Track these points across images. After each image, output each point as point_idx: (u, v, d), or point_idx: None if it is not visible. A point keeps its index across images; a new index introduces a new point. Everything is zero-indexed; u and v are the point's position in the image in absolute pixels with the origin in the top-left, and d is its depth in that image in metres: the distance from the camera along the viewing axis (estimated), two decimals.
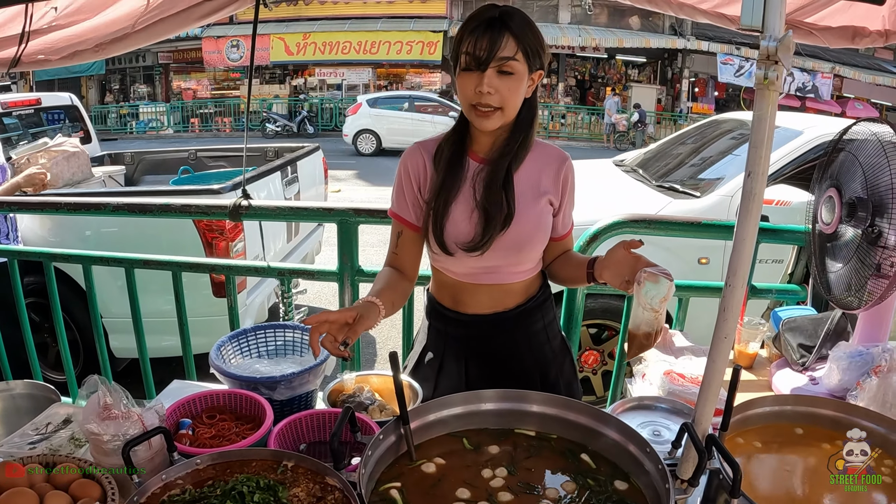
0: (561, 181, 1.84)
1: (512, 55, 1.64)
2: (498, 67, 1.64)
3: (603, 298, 3.93)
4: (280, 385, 1.77)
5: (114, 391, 1.49)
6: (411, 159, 1.87)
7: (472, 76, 1.67)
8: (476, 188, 1.78)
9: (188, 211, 2.98)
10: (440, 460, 1.34)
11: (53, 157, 5.33)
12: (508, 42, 1.63)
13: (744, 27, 1.12)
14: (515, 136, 1.78)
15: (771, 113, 1.12)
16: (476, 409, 1.44)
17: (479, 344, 1.90)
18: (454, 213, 1.78)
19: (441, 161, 1.82)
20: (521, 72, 1.67)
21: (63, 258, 3.25)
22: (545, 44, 1.74)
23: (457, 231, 1.78)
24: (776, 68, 1.10)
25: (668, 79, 25.19)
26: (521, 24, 1.66)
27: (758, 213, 1.16)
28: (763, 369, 2.22)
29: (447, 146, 1.83)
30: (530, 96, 1.77)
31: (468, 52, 1.65)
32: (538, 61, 1.71)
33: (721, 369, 1.23)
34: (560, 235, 1.90)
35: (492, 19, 1.64)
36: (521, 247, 1.80)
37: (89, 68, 25.41)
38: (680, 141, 5.90)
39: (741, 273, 1.19)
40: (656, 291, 1.56)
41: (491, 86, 1.65)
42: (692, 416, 1.28)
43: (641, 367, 2.11)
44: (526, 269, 1.86)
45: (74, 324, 4.46)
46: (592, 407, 1.41)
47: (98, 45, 2.71)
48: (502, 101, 1.67)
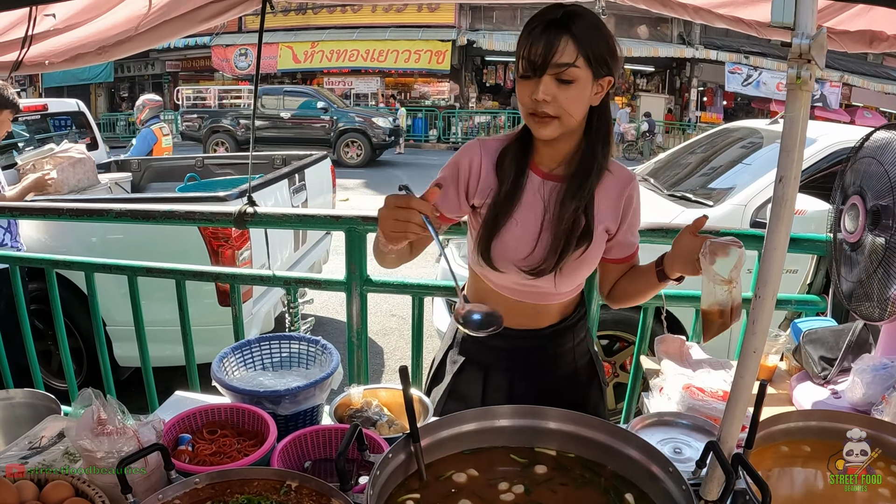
0: (623, 205, 1.73)
1: (571, 61, 1.52)
2: (556, 74, 1.53)
3: (615, 310, 3.85)
4: (284, 399, 1.69)
5: (108, 405, 1.41)
6: (468, 155, 1.76)
7: (528, 82, 1.57)
8: (547, 206, 1.68)
9: (192, 218, 2.94)
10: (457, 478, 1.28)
11: (59, 164, 5.30)
12: (568, 47, 1.52)
13: (774, 24, 1.07)
14: (593, 151, 1.67)
15: (803, 115, 1.07)
16: (490, 426, 1.38)
17: (503, 356, 1.83)
18: (512, 229, 1.69)
19: (504, 169, 1.71)
20: (583, 79, 1.55)
21: (65, 265, 3.21)
22: (617, 48, 1.62)
23: (513, 249, 1.69)
24: (809, 67, 1.04)
25: (677, 88, 25.14)
26: (585, 26, 1.54)
27: (790, 220, 1.10)
28: (783, 382, 2.15)
29: (510, 154, 1.72)
30: (598, 104, 1.65)
31: (524, 57, 1.55)
32: (605, 68, 1.58)
33: (750, 385, 1.17)
34: (621, 257, 1.82)
35: (552, 21, 1.53)
36: (576, 275, 1.73)
37: (98, 76, 25.53)
38: (690, 150, 5.84)
39: (772, 283, 1.13)
40: (726, 262, 1.51)
41: (547, 93, 1.54)
42: (717, 434, 1.21)
43: (658, 380, 2.04)
44: (569, 290, 1.79)
45: (78, 331, 4.43)
46: (612, 424, 1.35)
47: (101, 47, 2.68)
48: (559, 110, 1.56)
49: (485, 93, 25.83)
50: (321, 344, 1.97)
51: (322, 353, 1.95)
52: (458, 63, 24.55)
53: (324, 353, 1.94)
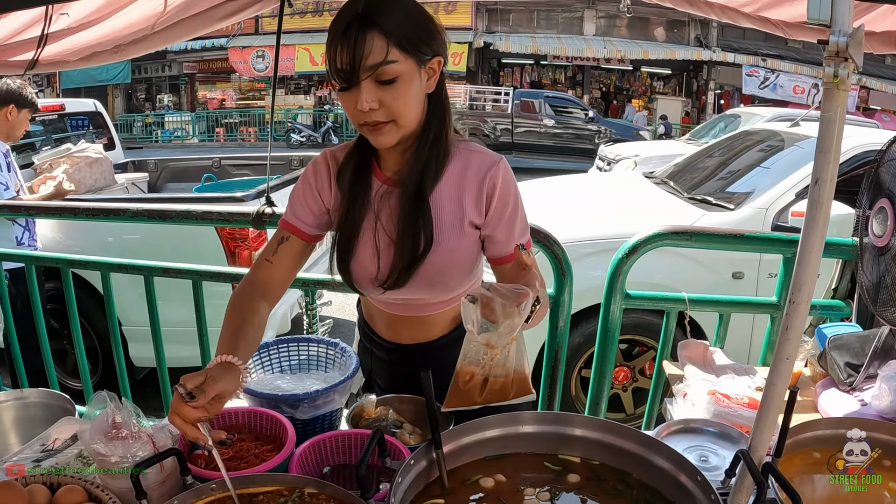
0: (485, 196, 1.51)
1: (383, 59, 1.33)
2: (373, 77, 1.35)
3: (635, 313, 3.80)
4: (303, 403, 1.66)
5: (123, 408, 1.39)
6: (317, 169, 1.63)
7: (348, 94, 1.39)
8: (381, 215, 1.54)
9: (209, 218, 2.92)
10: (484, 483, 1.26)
11: (76, 163, 5.32)
12: (375, 43, 1.32)
13: (810, 21, 1.04)
14: (425, 142, 1.49)
15: (840, 114, 1.04)
16: (514, 432, 1.35)
17: (403, 371, 1.73)
18: (361, 248, 1.57)
19: (343, 183, 1.57)
20: (406, 71, 1.37)
21: (81, 264, 3.21)
22: (433, 21, 1.43)
23: (362, 265, 1.58)
24: (846, 65, 1.01)
25: (694, 91, 25.00)
26: (389, 12, 1.34)
27: (825, 223, 1.07)
28: (807, 389, 2.10)
29: (350, 165, 1.57)
30: (433, 90, 1.47)
31: (333, 68, 1.37)
32: (427, 48, 1.40)
33: (782, 393, 1.14)
34: (497, 257, 1.56)
35: (352, 20, 1.33)
36: (435, 282, 1.56)
37: (115, 77, 25.73)
38: (709, 153, 5.78)
39: (806, 289, 1.09)
40: (493, 323, 1.22)
41: (370, 100, 1.36)
42: (748, 443, 1.18)
43: (681, 386, 2.01)
44: (450, 298, 1.64)
45: (93, 331, 4.44)
46: (638, 432, 1.32)
47: (117, 46, 2.66)
48: (390, 112, 1.39)
49: None
50: (340, 347, 1.94)
51: (341, 356, 1.92)
52: (475, 65, 24.52)
53: (343, 356, 1.92)
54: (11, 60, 2.71)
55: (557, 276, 2.41)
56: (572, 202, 5.26)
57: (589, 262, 3.68)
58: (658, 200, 4.86)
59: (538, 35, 23.81)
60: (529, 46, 23.13)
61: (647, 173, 5.75)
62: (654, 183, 5.29)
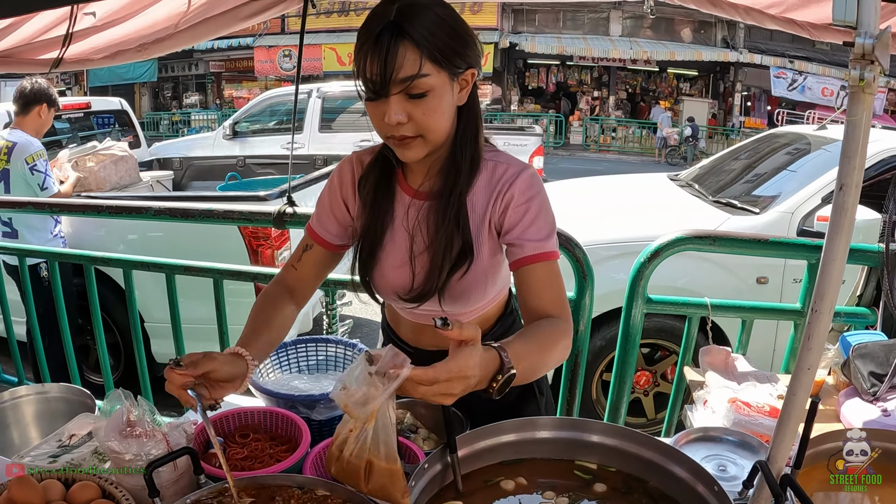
0: (506, 203, 1.45)
1: (416, 72, 1.27)
2: (404, 90, 1.29)
3: (657, 317, 3.77)
4: (319, 404, 1.65)
5: (138, 406, 1.40)
6: (342, 176, 1.60)
7: (376, 105, 1.33)
8: (417, 229, 1.49)
9: (231, 217, 2.94)
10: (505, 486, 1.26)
11: (101, 161, 5.39)
12: (407, 55, 1.26)
13: (836, 23, 1.01)
14: (459, 157, 1.44)
15: (866, 119, 1.01)
16: (531, 437, 1.34)
17: None
18: (389, 257, 1.53)
19: (366, 194, 1.53)
20: (438, 85, 1.31)
21: (103, 261, 3.25)
22: (468, 32, 1.37)
23: (391, 278, 1.54)
24: (872, 68, 0.98)
25: (721, 92, 24.74)
26: (423, 20, 1.28)
27: (850, 230, 1.05)
28: (830, 398, 2.06)
29: (372, 175, 1.53)
30: (465, 103, 1.43)
31: (363, 77, 1.31)
32: (461, 61, 1.35)
33: (802, 403, 1.11)
34: (515, 259, 1.46)
35: (383, 29, 1.27)
36: (457, 297, 1.50)
37: (142, 75, 26.03)
38: (735, 156, 5.72)
39: (829, 297, 1.07)
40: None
41: (399, 114, 1.31)
42: (767, 453, 1.16)
43: (702, 392, 1.97)
44: (479, 306, 1.58)
45: (116, 327, 4.48)
46: (656, 439, 1.30)
47: (141, 44, 2.69)
48: (419, 128, 1.34)
49: (527, 95, 25.72)
50: (358, 347, 1.94)
51: (358, 356, 1.92)
52: (501, 65, 24.48)
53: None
54: (37, 59, 2.75)
55: (578, 280, 2.39)
56: (596, 204, 5.23)
57: (612, 265, 3.65)
58: (682, 203, 4.81)
59: (564, 35, 23.70)
60: (555, 47, 23.03)
61: (671, 176, 5.69)
62: (679, 185, 5.23)
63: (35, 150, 4.04)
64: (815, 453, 1.40)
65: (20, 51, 2.74)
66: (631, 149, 22.95)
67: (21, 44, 2.70)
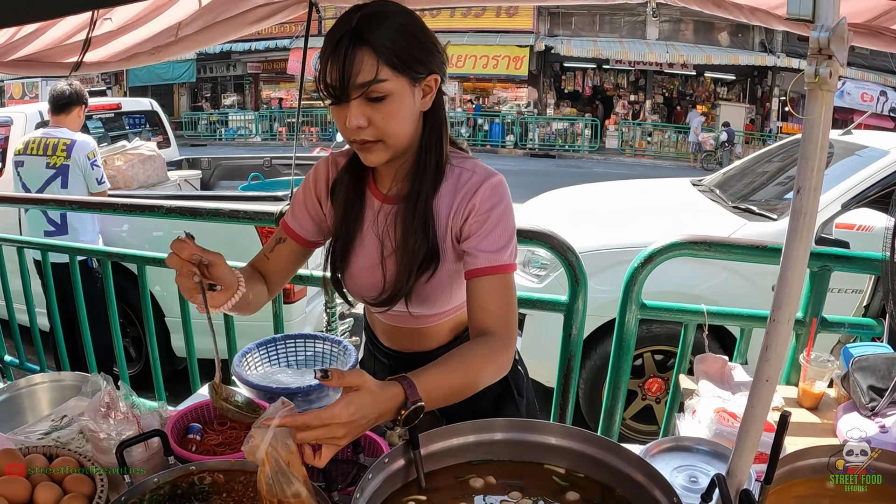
0: (468, 210, 1.45)
1: (373, 77, 1.29)
2: (362, 95, 1.32)
3: (669, 324, 3.72)
4: (297, 397, 1.71)
5: (116, 391, 1.52)
6: (317, 175, 1.63)
7: (339, 109, 1.35)
8: (384, 233, 1.52)
9: (236, 216, 2.97)
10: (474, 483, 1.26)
11: (129, 160, 5.50)
12: (365, 60, 1.29)
13: (790, 16, 0.97)
14: (424, 162, 1.46)
15: (825, 118, 0.97)
16: (489, 439, 1.33)
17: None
18: (357, 263, 1.57)
19: (338, 198, 1.57)
20: (397, 90, 1.33)
21: (119, 257, 3.33)
22: (430, 39, 1.40)
23: (360, 281, 1.58)
24: (829, 63, 0.94)
25: (758, 97, 24.33)
26: (383, 28, 1.31)
27: (809, 236, 1.01)
28: (829, 412, 2.01)
29: (345, 179, 1.56)
30: (429, 108, 1.44)
31: (323, 82, 1.34)
32: (421, 67, 1.36)
33: (761, 416, 1.08)
34: (468, 269, 1.45)
35: (343, 35, 1.30)
36: (425, 299, 1.53)
37: (181, 76, 26.52)
38: (761, 161, 5.61)
39: (789, 306, 1.03)
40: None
41: (359, 118, 1.33)
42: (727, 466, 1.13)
43: (693, 401, 1.94)
44: (443, 311, 1.61)
45: (138, 321, 4.57)
46: (622, 447, 1.28)
47: (155, 48, 2.76)
48: (379, 132, 1.36)
49: (563, 99, 25.60)
50: (343, 345, 1.99)
51: (343, 353, 1.96)
52: (537, 69, 24.39)
53: (344, 354, 1.96)
54: (60, 62, 2.85)
55: (571, 284, 2.37)
56: (612, 208, 5.19)
57: (621, 270, 3.61)
58: (700, 209, 4.73)
59: (600, 39, 23.53)
60: (591, 50, 22.88)
61: (694, 181, 5.61)
62: (700, 191, 5.16)
63: (94, 146, 4.28)
64: (795, 469, 1.36)
65: (44, 54, 2.83)
66: (667, 153, 22.69)
67: (46, 48, 2.80)
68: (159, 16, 2.64)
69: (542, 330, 3.76)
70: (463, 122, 23.62)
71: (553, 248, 2.34)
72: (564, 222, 4.56)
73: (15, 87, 19.87)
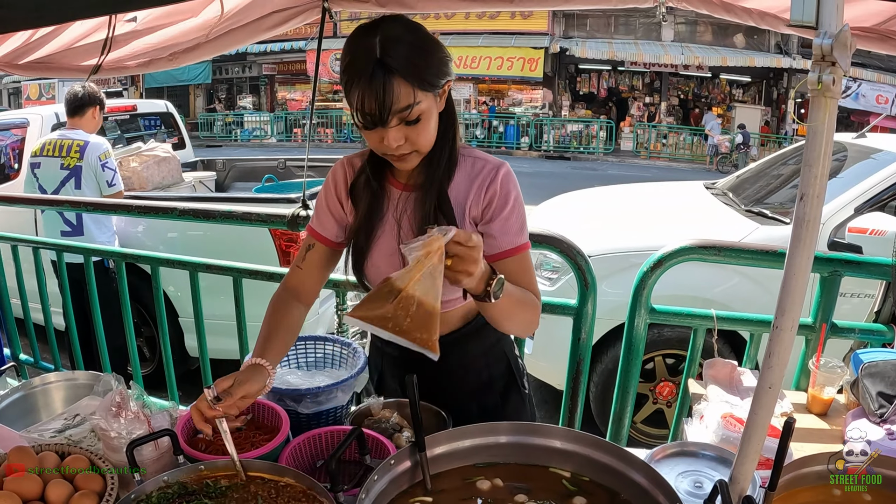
0: (486, 198, 1.57)
1: (411, 102, 1.39)
2: (401, 119, 1.41)
3: (680, 328, 3.70)
4: (306, 398, 1.73)
5: (127, 391, 1.56)
6: (335, 178, 1.71)
7: (373, 132, 1.44)
8: (404, 218, 1.61)
9: (248, 218, 3.00)
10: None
11: (145, 161, 5.54)
12: (401, 89, 1.38)
13: (794, 23, 0.97)
14: (440, 153, 1.56)
15: (828, 124, 0.98)
16: (495, 442, 1.35)
17: (412, 367, 1.67)
18: (381, 248, 1.64)
19: (358, 196, 1.66)
20: (427, 106, 1.44)
21: (132, 258, 3.35)
22: (440, 48, 1.48)
23: (384, 268, 1.62)
24: (832, 70, 0.95)
25: (774, 99, 24.15)
26: (406, 51, 1.39)
27: (811, 242, 1.02)
28: (838, 418, 2.00)
29: (364, 174, 1.65)
30: (444, 107, 1.55)
31: (360, 111, 1.41)
32: (440, 80, 1.47)
33: (764, 422, 1.09)
34: (493, 253, 1.57)
35: (374, 67, 1.36)
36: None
37: (196, 77, 26.63)
38: (775, 164, 5.57)
39: (791, 313, 1.04)
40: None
41: (398, 140, 1.43)
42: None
43: (701, 406, 1.93)
44: (456, 297, 1.66)
45: (152, 321, 4.61)
46: (627, 451, 1.29)
47: (172, 53, 2.79)
48: (413, 145, 1.47)
49: (578, 101, 25.51)
50: (352, 347, 2.00)
51: (352, 356, 1.98)
52: (552, 70, 24.32)
53: (353, 356, 1.97)
54: (76, 65, 2.88)
55: (581, 288, 2.37)
56: (625, 211, 5.19)
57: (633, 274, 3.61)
58: (711, 213, 4.71)
59: (615, 41, 23.41)
60: (606, 52, 22.78)
61: (708, 184, 5.58)
62: (713, 194, 5.13)
63: (107, 148, 4.31)
64: (800, 476, 1.37)
65: (60, 57, 2.86)
66: (682, 156, 22.54)
67: (60, 50, 2.82)
68: (179, 23, 2.68)
69: (552, 332, 3.75)
70: (478, 124, 23.58)
71: (563, 252, 2.34)
72: (578, 225, 4.56)
73: (32, 89, 20.09)
